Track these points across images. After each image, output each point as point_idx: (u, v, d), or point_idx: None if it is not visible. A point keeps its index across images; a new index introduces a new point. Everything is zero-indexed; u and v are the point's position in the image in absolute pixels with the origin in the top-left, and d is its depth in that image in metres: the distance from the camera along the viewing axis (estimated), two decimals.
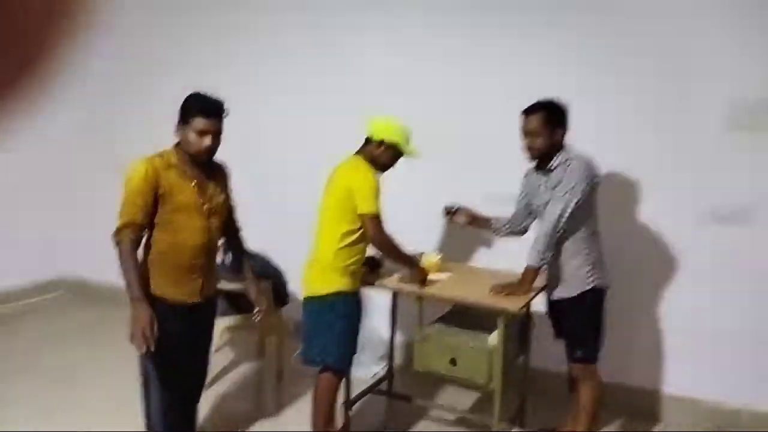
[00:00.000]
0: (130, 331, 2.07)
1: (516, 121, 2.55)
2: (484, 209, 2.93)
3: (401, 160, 2.61)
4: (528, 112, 2.52)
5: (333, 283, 2.46)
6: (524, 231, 2.83)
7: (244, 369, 3.65)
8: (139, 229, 2.17)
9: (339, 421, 2.74)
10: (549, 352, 2.90)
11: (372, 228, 2.43)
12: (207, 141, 2.21)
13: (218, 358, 3.61)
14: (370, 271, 2.77)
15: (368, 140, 2.56)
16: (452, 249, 3.34)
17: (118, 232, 2.15)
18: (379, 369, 3.50)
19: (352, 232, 2.47)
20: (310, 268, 2.54)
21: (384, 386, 3.14)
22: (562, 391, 2.79)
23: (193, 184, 2.25)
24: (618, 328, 2.93)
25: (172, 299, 2.23)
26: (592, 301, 2.54)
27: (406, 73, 3.58)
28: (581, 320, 2.54)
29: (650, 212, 3.08)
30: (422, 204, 3.27)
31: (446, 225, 3.43)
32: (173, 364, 2.24)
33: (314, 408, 2.53)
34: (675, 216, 3.01)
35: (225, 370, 3.61)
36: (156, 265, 2.24)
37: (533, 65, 3.24)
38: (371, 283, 2.71)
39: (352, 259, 2.50)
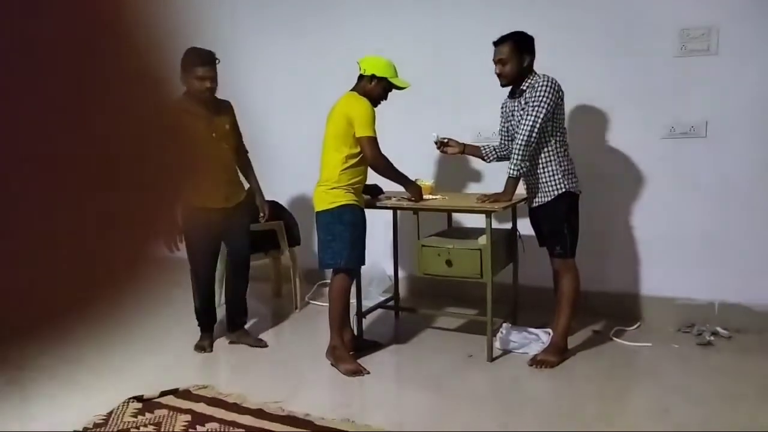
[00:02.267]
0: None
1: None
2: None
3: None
4: (498, 42, 2.87)
5: (339, 198, 2.81)
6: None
7: (263, 307, 3.99)
8: None
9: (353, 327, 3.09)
10: (536, 271, 3.26)
11: (370, 149, 2.79)
12: (207, 84, 2.83)
13: None
14: (371, 197, 3.14)
15: (361, 77, 2.92)
16: (442, 183, 3.68)
17: None
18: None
19: (353, 156, 2.82)
20: (319, 187, 2.89)
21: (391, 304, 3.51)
22: (549, 303, 3.13)
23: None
24: (594, 240, 3.29)
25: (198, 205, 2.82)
26: (566, 204, 2.88)
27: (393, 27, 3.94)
28: (558, 221, 2.88)
29: (617, 132, 3.43)
30: (417, 146, 3.62)
31: (438, 158, 3.77)
32: (202, 254, 3.00)
33: (330, 306, 2.87)
34: (639, 134, 3.37)
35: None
36: None
37: (503, 7, 3.56)
38: (373, 206, 3.07)
39: (355, 179, 2.86)
